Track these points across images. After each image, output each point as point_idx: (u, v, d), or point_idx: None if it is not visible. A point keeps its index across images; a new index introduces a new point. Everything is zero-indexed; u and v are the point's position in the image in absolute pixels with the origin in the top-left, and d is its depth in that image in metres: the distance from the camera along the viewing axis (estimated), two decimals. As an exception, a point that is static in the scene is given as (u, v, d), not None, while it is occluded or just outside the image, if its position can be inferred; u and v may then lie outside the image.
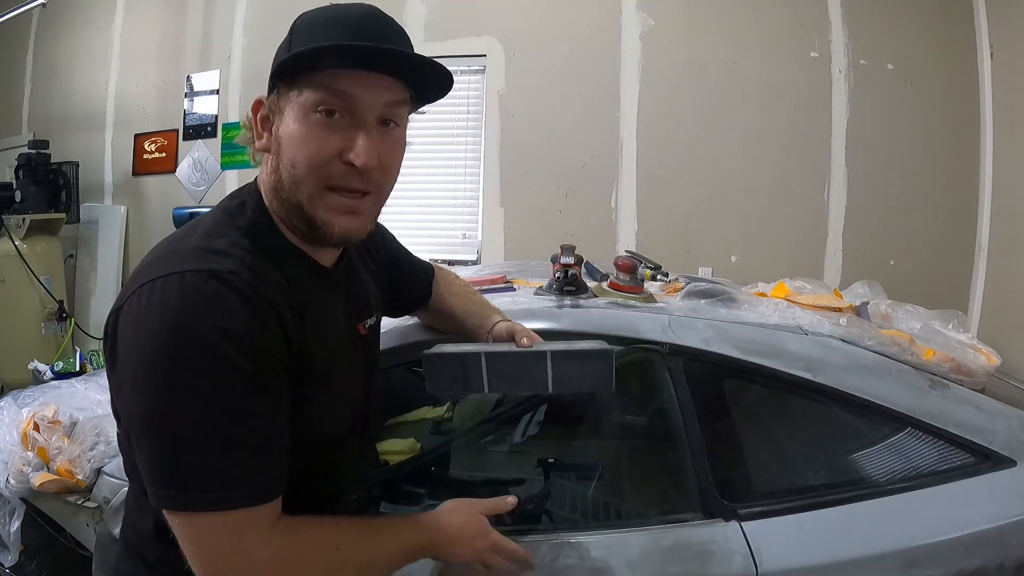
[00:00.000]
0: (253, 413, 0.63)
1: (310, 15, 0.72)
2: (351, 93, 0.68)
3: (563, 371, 0.88)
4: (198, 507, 0.61)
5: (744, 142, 2.85)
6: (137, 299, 0.63)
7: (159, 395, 0.60)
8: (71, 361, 2.20)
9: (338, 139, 0.68)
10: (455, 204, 3.13)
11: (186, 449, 0.60)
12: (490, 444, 1.30)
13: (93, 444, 1.28)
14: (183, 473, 0.61)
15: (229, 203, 0.76)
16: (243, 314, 0.62)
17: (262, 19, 3.35)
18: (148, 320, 0.61)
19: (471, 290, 1.14)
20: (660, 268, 1.61)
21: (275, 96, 0.71)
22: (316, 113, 0.68)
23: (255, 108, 0.74)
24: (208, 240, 0.68)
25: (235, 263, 0.64)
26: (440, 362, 0.89)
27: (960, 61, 2.65)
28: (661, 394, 1.15)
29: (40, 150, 3.40)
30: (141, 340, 0.61)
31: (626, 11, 2.91)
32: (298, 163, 0.68)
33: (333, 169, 0.69)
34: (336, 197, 0.70)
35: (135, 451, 0.64)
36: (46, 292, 3.38)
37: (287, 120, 0.69)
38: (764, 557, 1.01)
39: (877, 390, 1.10)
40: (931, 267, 2.72)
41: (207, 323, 0.60)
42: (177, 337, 0.60)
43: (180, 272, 0.62)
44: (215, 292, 0.61)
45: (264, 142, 0.73)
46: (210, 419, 0.60)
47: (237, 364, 0.61)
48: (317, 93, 0.67)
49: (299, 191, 0.69)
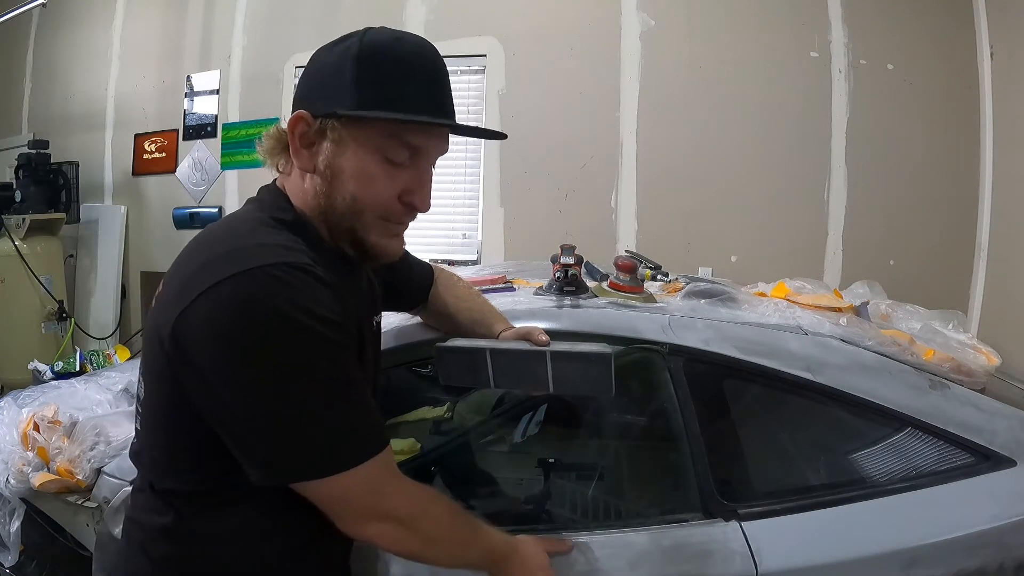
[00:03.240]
0: (352, 374, 0.70)
1: (377, 50, 0.71)
2: (421, 147, 0.74)
3: (562, 372, 0.90)
4: (338, 468, 0.66)
5: (744, 142, 2.85)
6: (216, 297, 0.64)
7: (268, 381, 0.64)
8: (71, 361, 2.20)
9: (401, 182, 0.74)
10: (455, 204, 3.13)
11: (310, 422, 0.65)
12: (490, 444, 1.30)
13: (93, 444, 1.28)
14: (312, 443, 0.66)
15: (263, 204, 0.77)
16: (326, 297, 0.67)
17: (262, 19, 3.35)
18: (239, 315, 0.63)
19: (476, 294, 1.14)
20: (660, 268, 1.61)
21: (330, 122, 0.71)
22: (382, 156, 0.72)
23: (294, 124, 0.73)
24: (268, 237, 0.70)
25: (304, 256, 0.69)
26: (451, 355, 0.94)
27: (960, 61, 2.65)
28: (661, 394, 1.14)
29: (40, 150, 3.40)
30: (234, 335, 0.63)
31: (626, 11, 2.91)
32: (361, 199, 0.73)
33: (392, 207, 0.75)
34: (388, 225, 0.77)
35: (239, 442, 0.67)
36: (46, 292, 3.37)
37: (348, 155, 0.72)
38: (764, 557, 1.01)
39: (877, 390, 1.10)
40: (931, 267, 2.72)
41: (300, 308, 0.64)
42: (274, 324, 0.63)
43: (258, 267, 0.65)
44: (298, 280, 0.65)
45: (304, 161, 0.74)
46: (322, 390, 0.66)
47: (330, 337, 0.66)
48: (389, 140, 0.72)
49: (355, 220, 0.74)
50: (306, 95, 0.74)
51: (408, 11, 3.04)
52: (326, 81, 0.72)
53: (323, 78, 0.72)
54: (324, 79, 0.72)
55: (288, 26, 3.29)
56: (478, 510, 1.22)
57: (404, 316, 1.19)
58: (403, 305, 1.12)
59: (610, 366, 0.89)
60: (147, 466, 0.78)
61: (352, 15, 3.06)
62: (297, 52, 3.24)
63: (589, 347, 0.92)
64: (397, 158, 0.72)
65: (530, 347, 0.91)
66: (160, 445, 0.75)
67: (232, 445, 0.67)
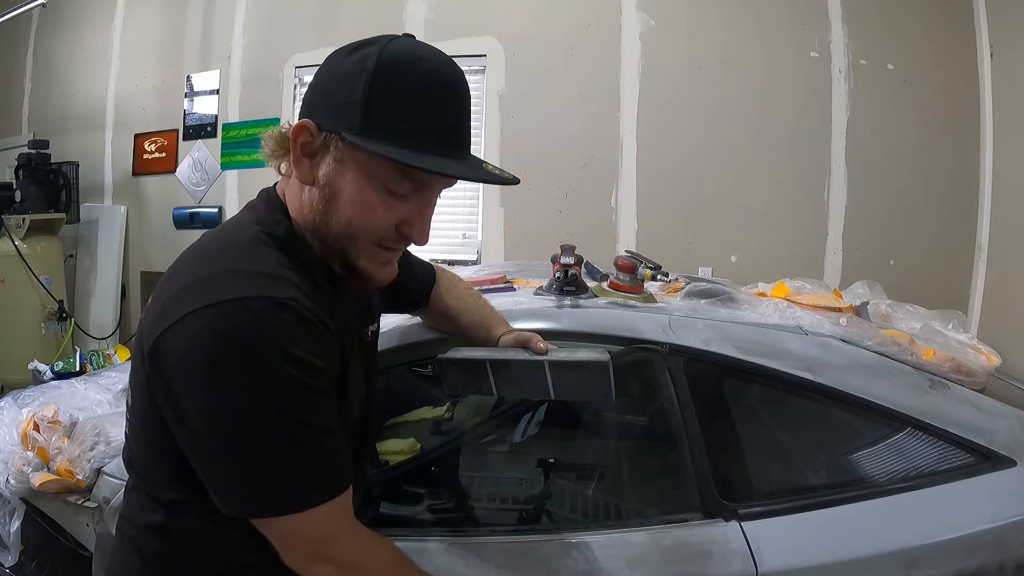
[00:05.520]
0: (320, 418, 0.67)
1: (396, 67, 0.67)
2: (422, 180, 0.71)
3: (562, 380, 0.89)
4: (289, 509, 0.66)
5: (744, 142, 2.85)
6: (193, 325, 0.63)
7: (234, 417, 0.63)
8: (71, 361, 2.20)
9: (400, 212, 0.72)
10: (455, 204, 3.13)
11: (270, 462, 0.65)
12: (490, 444, 1.30)
13: (93, 444, 1.28)
14: (269, 483, 0.65)
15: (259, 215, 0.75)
16: (306, 337, 0.66)
17: (262, 19, 3.35)
18: (214, 349, 0.62)
19: (476, 295, 1.13)
20: (660, 268, 1.61)
21: (334, 139, 0.68)
22: (384, 185, 0.69)
23: (297, 133, 0.70)
24: (254, 262, 0.68)
25: (289, 287, 0.67)
26: (452, 366, 0.93)
27: (960, 61, 2.66)
28: (661, 394, 1.14)
29: (40, 150, 3.40)
30: (205, 367, 0.62)
31: (626, 11, 2.91)
32: (356, 225, 0.71)
33: (388, 235, 0.73)
34: (381, 251, 0.74)
35: (202, 468, 0.67)
36: (46, 292, 3.37)
37: (349, 178, 0.69)
38: (764, 557, 1.01)
39: (877, 390, 1.10)
40: (931, 267, 2.72)
41: (274, 348, 0.63)
42: (246, 361, 0.62)
43: (239, 299, 0.63)
44: (276, 317, 0.64)
45: (305, 174, 0.71)
46: (285, 432, 0.64)
47: (301, 380, 0.65)
48: (391, 173, 0.69)
49: (347, 243, 0.72)
50: (314, 102, 0.71)
51: (408, 11, 3.04)
52: (336, 93, 0.69)
53: (333, 88, 0.69)
54: (334, 89, 0.69)
55: (288, 26, 3.29)
56: (478, 510, 1.22)
57: (404, 316, 1.19)
58: (404, 307, 1.11)
59: (608, 372, 0.89)
60: (136, 471, 0.78)
61: (352, 15, 3.04)
62: (297, 52, 3.24)
63: (586, 355, 0.91)
64: (399, 189, 0.70)
65: (528, 356, 0.91)
66: (146, 454, 0.75)
67: (196, 469, 0.68)
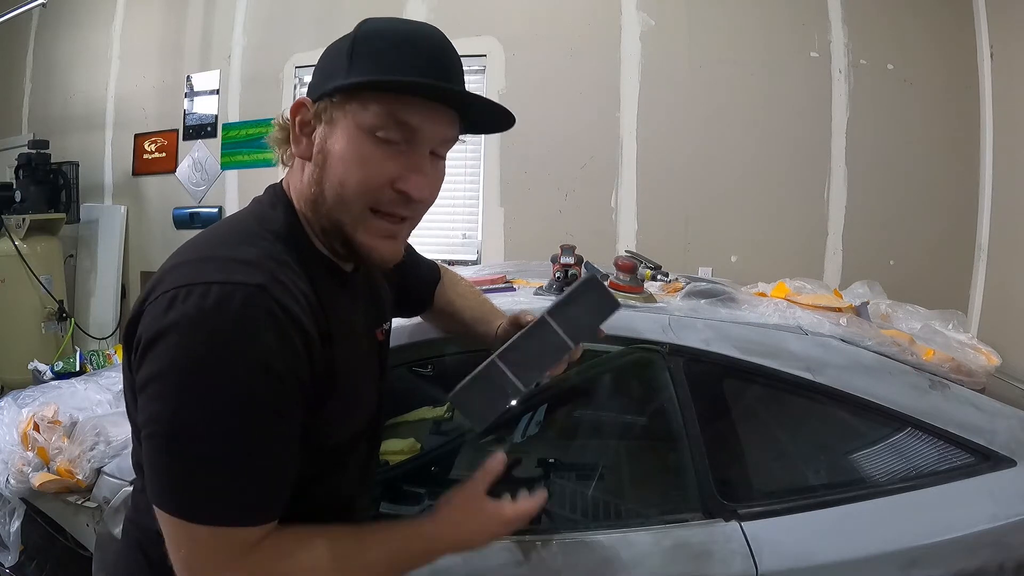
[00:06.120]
0: (267, 439, 0.62)
1: (377, 28, 0.68)
2: (414, 125, 0.66)
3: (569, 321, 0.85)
4: (196, 519, 0.60)
5: (744, 142, 2.85)
6: (164, 304, 0.61)
7: (177, 406, 0.60)
8: (71, 361, 2.19)
9: (393, 166, 0.67)
10: (455, 204, 3.13)
11: (195, 463, 0.60)
12: (490, 444, 1.30)
13: (93, 444, 1.28)
14: (188, 484, 0.60)
15: (261, 207, 0.74)
16: (271, 338, 0.61)
17: (262, 19, 3.35)
18: (173, 331, 0.59)
19: (476, 292, 1.14)
20: (660, 268, 1.61)
21: (326, 104, 0.67)
22: (373, 136, 0.66)
23: (295, 110, 0.70)
24: (240, 249, 0.65)
25: (263, 275, 0.63)
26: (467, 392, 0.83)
27: (960, 61, 2.66)
28: (661, 394, 1.15)
29: (40, 150, 3.40)
30: (165, 350, 0.60)
31: (626, 11, 2.91)
32: (348, 184, 0.67)
33: (383, 195, 0.68)
34: (379, 221, 0.69)
35: (143, 448, 0.64)
36: (46, 292, 3.37)
37: (338, 135, 0.67)
38: (764, 557, 1.01)
39: (877, 390, 1.10)
40: (931, 267, 2.72)
41: (233, 343, 0.59)
42: (201, 354, 0.59)
43: (207, 283, 0.60)
44: (242, 311, 0.60)
45: (303, 149, 0.70)
46: (223, 440, 0.60)
47: (258, 390, 0.60)
48: (379, 118, 0.65)
49: (343, 211, 0.68)
50: (309, 85, 0.72)
51: (408, 11, 3.05)
52: (326, 67, 0.70)
53: (324, 64, 0.71)
54: (324, 65, 0.70)
55: (288, 26, 3.29)
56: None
57: (404, 316, 1.18)
58: (413, 306, 1.09)
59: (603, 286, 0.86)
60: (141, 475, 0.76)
61: (352, 15, 3.00)
62: (297, 52, 3.25)
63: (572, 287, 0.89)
64: (390, 136, 0.66)
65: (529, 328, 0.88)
66: None
67: None
